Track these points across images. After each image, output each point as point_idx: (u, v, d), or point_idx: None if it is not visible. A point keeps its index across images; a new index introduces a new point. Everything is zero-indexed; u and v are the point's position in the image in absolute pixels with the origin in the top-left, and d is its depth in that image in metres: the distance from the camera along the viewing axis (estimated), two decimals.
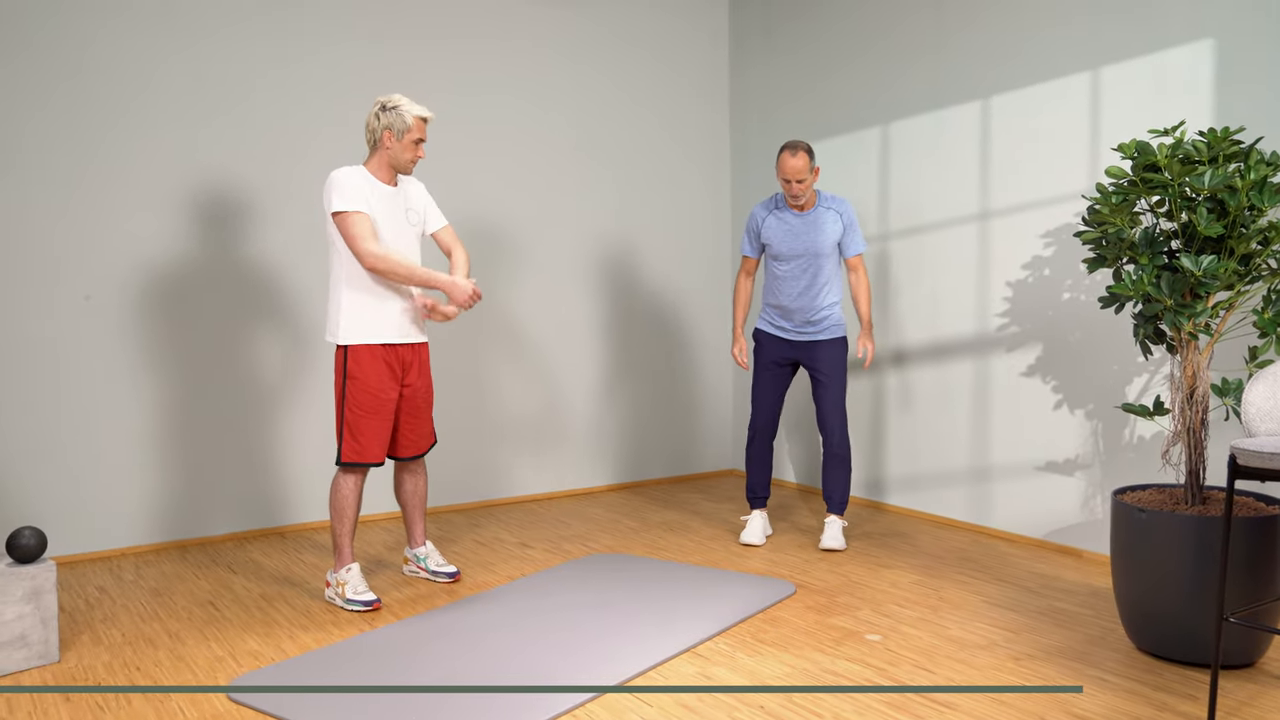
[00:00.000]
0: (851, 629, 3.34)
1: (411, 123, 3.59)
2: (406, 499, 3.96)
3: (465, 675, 2.94)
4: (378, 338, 3.62)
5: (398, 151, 3.61)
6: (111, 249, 4.34)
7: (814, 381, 4.35)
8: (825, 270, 4.27)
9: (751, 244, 4.41)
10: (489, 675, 2.94)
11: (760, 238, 4.37)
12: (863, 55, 5.13)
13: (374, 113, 3.60)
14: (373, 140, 3.62)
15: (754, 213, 4.40)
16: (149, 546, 4.46)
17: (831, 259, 4.28)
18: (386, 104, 3.60)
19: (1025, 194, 4.37)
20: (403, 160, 3.63)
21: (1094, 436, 4.12)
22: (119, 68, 4.32)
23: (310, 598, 3.78)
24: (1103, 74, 4.06)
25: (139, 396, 4.41)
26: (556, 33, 5.41)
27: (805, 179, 4.15)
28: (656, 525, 4.82)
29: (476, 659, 3.07)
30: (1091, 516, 4.15)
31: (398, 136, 3.59)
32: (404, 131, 3.59)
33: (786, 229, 4.28)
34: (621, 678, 2.93)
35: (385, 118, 3.58)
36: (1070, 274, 4.20)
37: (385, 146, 3.61)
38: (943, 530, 4.64)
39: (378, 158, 3.64)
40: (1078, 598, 3.66)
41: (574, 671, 2.97)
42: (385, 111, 3.59)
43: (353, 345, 3.60)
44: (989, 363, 4.55)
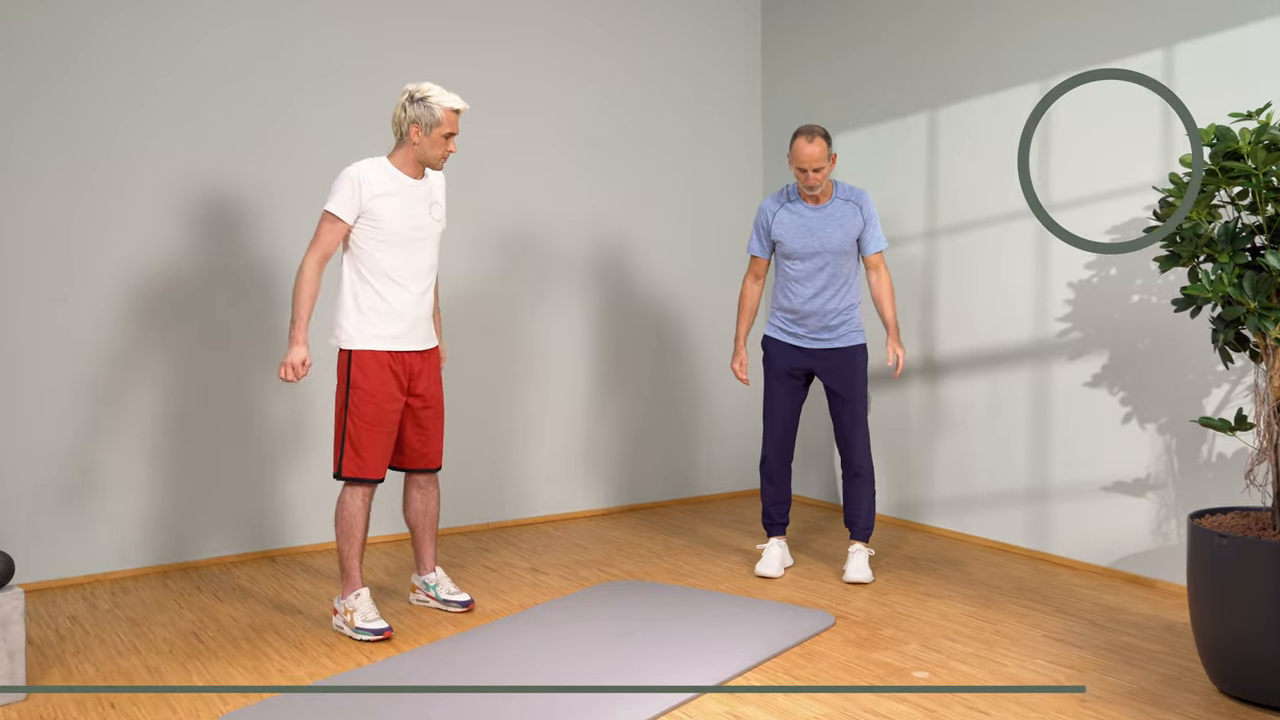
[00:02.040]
0: (897, 665, 3.32)
1: (441, 116, 3.58)
2: (415, 519, 3.95)
3: (471, 713, 2.92)
4: (384, 344, 3.64)
5: (426, 148, 3.63)
6: (95, 251, 4.36)
7: (831, 395, 4.29)
8: (844, 270, 4.22)
9: (761, 242, 4.34)
10: (497, 713, 2.91)
11: (771, 234, 4.28)
12: (909, 32, 5.11)
13: (401, 103, 3.61)
14: (399, 133, 3.63)
15: (763, 207, 4.31)
16: (127, 572, 4.46)
17: (850, 257, 4.23)
18: (415, 94, 3.59)
19: (1090, 185, 4.34)
20: (432, 157, 3.64)
21: (1168, 454, 4.09)
22: (110, 65, 4.34)
23: (303, 628, 3.77)
24: (1178, 51, 4.02)
25: (117, 409, 4.43)
26: (572, 10, 5.42)
27: (822, 167, 4.07)
28: (681, 549, 4.82)
29: (483, 695, 3.05)
30: (1165, 542, 4.11)
31: (426, 131, 3.60)
32: (433, 126, 3.59)
33: (800, 223, 4.20)
34: (641, 718, 2.90)
35: (413, 110, 3.58)
36: (1140, 273, 4.17)
37: (412, 141, 3.62)
38: (997, 556, 4.62)
39: (402, 151, 3.66)
40: (1150, 633, 3.63)
41: (587, 710, 2.94)
42: (413, 104, 3.59)
43: (357, 350, 3.62)
44: (1048, 372, 4.52)
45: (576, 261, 5.49)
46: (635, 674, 3.23)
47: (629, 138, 5.61)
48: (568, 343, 5.47)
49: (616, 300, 5.61)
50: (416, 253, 3.69)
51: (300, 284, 3.55)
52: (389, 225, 3.61)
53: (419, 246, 3.70)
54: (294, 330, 3.56)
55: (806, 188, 4.14)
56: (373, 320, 3.63)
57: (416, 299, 3.71)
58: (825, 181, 4.16)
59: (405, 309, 3.67)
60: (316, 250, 3.58)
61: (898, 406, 5.23)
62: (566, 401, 5.47)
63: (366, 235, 3.61)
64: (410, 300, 3.69)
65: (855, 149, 5.42)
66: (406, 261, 3.67)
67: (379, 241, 3.62)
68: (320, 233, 3.58)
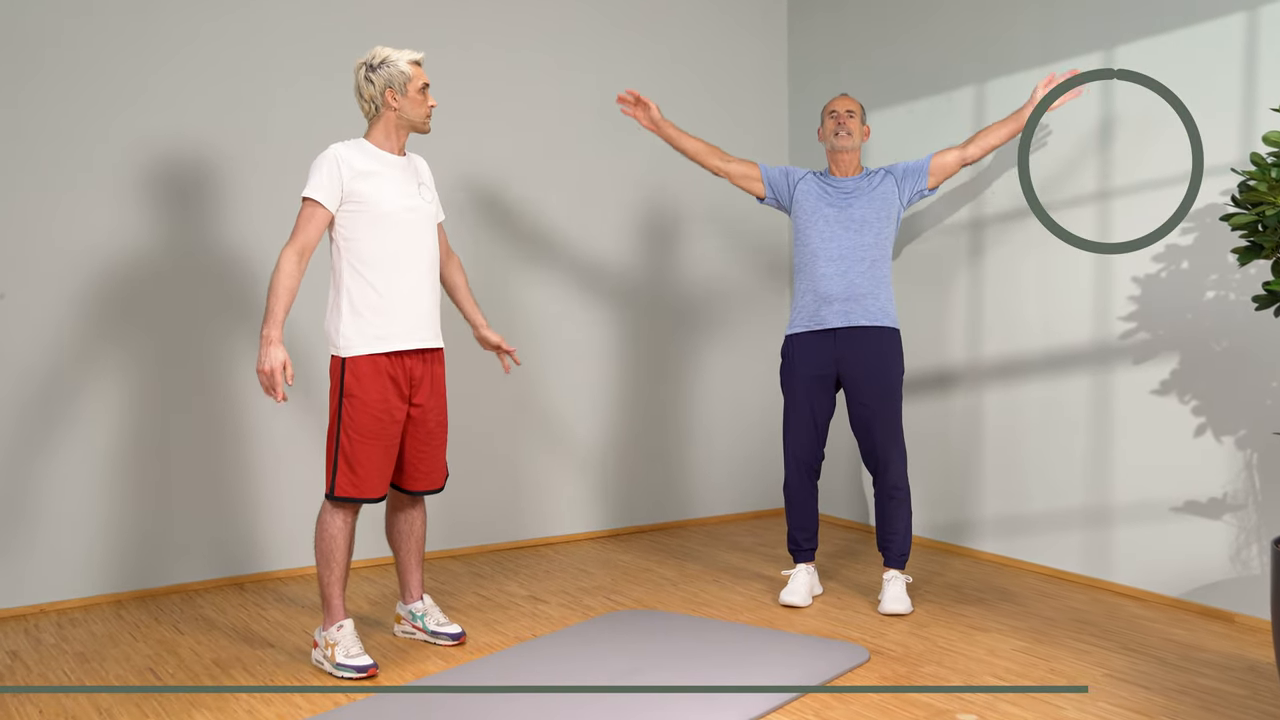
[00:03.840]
0: (940, 707, 3.29)
1: (409, 70, 3.65)
2: (400, 542, 3.93)
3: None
4: (385, 345, 3.62)
5: (408, 109, 3.67)
6: (38, 240, 4.32)
7: (852, 395, 4.26)
8: (877, 245, 4.28)
9: (773, 172, 4.45)
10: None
11: (791, 193, 4.39)
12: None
13: (362, 77, 3.66)
14: (373, 108, 3.68)
15: (792, 168, 4.48)
16: (75, 602, 4.44)
17: (885, 233, 4.29)
18: (372, 62, 3.65)
19: (1158, 167, 4.29)
20: (417, 117, 3.69)
21: (1247, 470, 4.04)
22: (59, 34, 4.30)
23: (274, 663, 3.75)
24: (1261, 15, 3.96)
25: (63, 418, 4.39)
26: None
27: (856, 114, 4.32)
28: (698, 575, 4.82)
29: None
30: (1245, 571, 4.07)
31: (401, 91, 3.65)
32: (405, 83, 3.65)
33: (829, 192, 4.33)
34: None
35: (379, 76, 3.64)
36: (1216, 267, 4.12)
37: (392, 107, 3.67)
38: (1051, 585, 4.59)
39: (382, 125, 3.70)
40: (1229, 673, 3.58)
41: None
42: (375, 70, 3.64)
43: (352, 357, 3.60)
44: (1111, 377, 4.47)
45: (584, 265, 5.47)
46: (643, 716, 3.19)
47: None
48: (572, 348, 5.47)
49: (628, 305, 5.61)
50: (412, 236, 3.68)
51: (277, 278, 3.50)
52: (378, 204, 3.61)
53: (414, 230, 3.69)
54: (267, 328, 3.47)
55: (838, 136, 4.30)
56: (370, 320, 3.60)
57: (417, 288, 3.68)
58: (858, 136, 4.34)
59: (405, 299, 3.64)
60: (296, 241, 3.55)
61: (938, 416, 5.20)
62: (571, 413, 5.47)
63: (355, 220, 3.60)
64: (409, 289, 3.66)
65: (892, 126, 5.39)
66: (402, 245, 3.65)
67: (369, 225, 3.60)
68: (300, 222, 3.56)
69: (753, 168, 4.45)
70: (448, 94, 5.08)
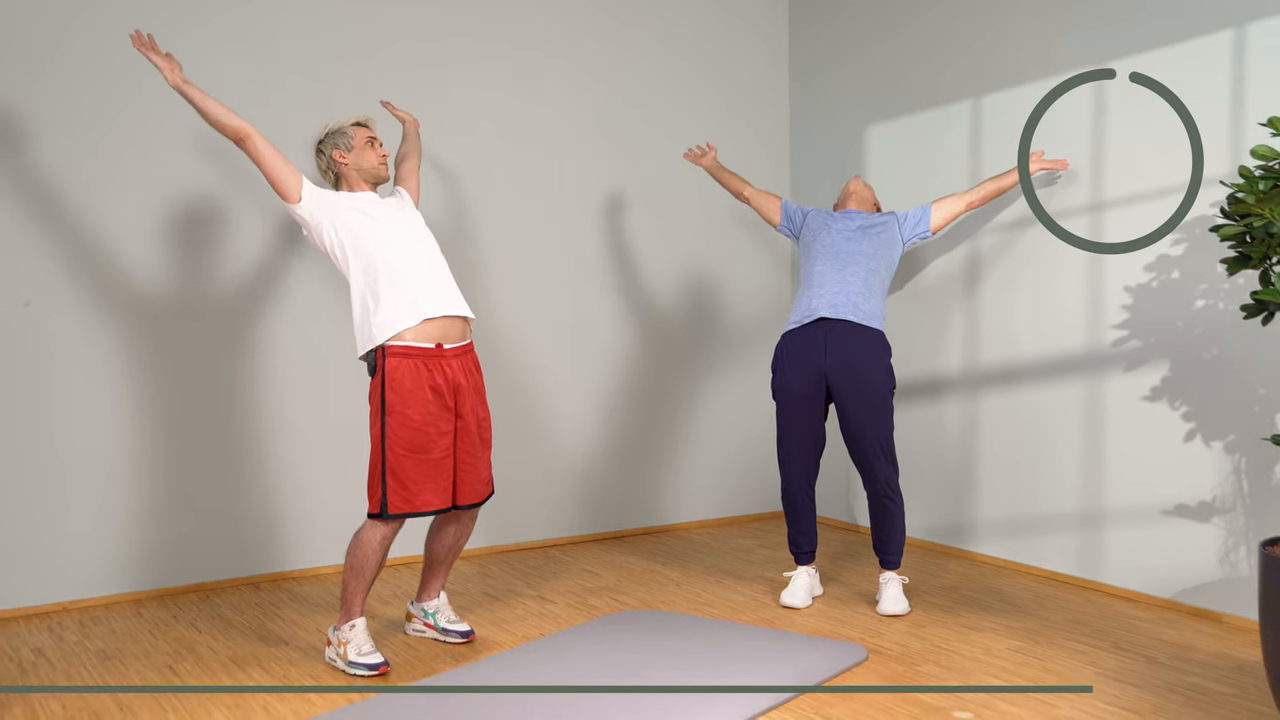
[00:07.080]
0: (936, 705, 3.29)
1: (350, 129, 3.79)
2: (444, 554, 3.93)
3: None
4: (416, 316, 3.59)
5: (358, 161, 3.79)
6: (70, 254, 4.33)
7: (841, 408, 4.23)
8: (874, 259, 4.36)
9: (792, 206, 4.66)
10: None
11: (803, 221, 4.58)
12: (951, 13, 5.07)
13: (315, 154, 3.83)
14: (333, 175, 3.83)
15: (810, 208, 4.69)
16: (97, 600, 4.44)
17: (882, 263, 4.37)
18: (316, 141, 3.83)
19: (1149, 179, 4.29)
20: (369, 165, 3.80)
21: (1236, 474, 4.04)
22: (88, 55, 4.32)
23: (289, 660, 3.75)
24: (1249, 31, 3.97)
25: (85, 423, 4.40)
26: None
27: (869, 200, 4.60)
28: (700, 576, 4.81)
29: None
30: (1234, 573, 4.07)
31: (347, 149, 3.78)
32: (349, 142, 3.78)
33: (836, 217, 4.48)
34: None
35: (326, 145, 3.79)
36: (1206, 277, 4.12)
37: (344, 164, 3.79)
38: (1046, 586, 4.59)
39: (345, 186, 3.83)
40: (1218, 672, 3.58)
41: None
42: (322, 143, 3.80)
43: (391, 357, 3.58)
44: (1103, 384, 4.47)
45: (587, 266, 5.47)
46: (648, 713, 3.18)
47: (649, 112, 5.60)
48: (575, 350, 5.46)
49: (631, 308, 5.60)
50: (408, 229, 3.76)
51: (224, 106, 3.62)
52: (368, 216, 3.69)
53: (408, 226, 3.77)
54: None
55: (848, 197, 4.59)
56: (399, 295, 3.60)
57: (428, 261, 3.73)
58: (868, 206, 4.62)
59: (419, 272, 3.67)
60: (261, 137, 3.61)
61: (936, 422, 5.19)
62: (575, 415, 5.45)
63: (352, 233, 3.66)
64: (419, 262, 3.70)
65: (890, 141, 5.38)
66: (402, 236, 3.72)
67: (366, 231, 3.66)
68: (278, 152, 3.64)
69: (776, 200, 4.70)
70: (452, 94, 5.08)
